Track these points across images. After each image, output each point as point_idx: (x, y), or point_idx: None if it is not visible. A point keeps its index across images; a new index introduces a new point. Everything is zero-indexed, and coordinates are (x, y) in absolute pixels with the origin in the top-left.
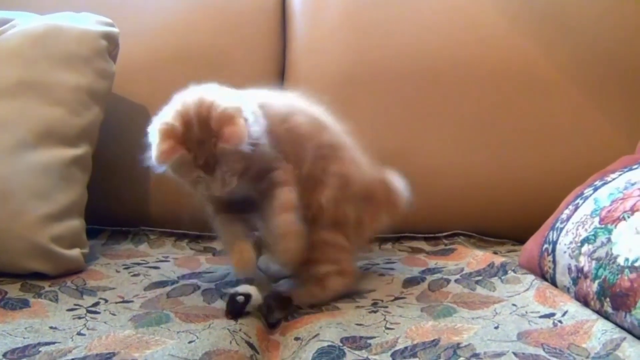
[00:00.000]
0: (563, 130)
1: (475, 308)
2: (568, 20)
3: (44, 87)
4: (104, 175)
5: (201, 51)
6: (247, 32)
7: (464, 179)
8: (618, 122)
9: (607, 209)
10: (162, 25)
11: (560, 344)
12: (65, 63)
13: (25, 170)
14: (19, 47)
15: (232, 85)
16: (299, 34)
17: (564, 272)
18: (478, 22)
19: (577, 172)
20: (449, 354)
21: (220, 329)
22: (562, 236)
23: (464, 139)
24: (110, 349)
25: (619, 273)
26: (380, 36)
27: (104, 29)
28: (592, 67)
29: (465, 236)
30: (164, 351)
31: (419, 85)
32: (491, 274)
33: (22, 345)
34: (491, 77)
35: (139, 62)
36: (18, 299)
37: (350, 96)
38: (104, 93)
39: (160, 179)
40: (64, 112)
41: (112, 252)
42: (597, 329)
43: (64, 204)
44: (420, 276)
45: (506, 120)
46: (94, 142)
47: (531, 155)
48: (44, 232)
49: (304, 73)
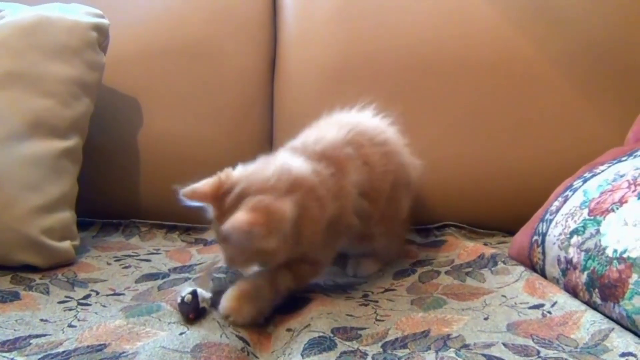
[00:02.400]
0: (553, 122)
1: (465, 299)
2: (559, 13)
3: (33, 79)
4: (94, 167)
5: (192, 43)
6: (238, 24)
7: (455, 171)
8: (607, 114)
9: (596, 200)
10: (153, 17)
11: (549, 334)
12: (55, 54)
13: (15, 161)
14: (8, 38)
15: (223, 76)
16: (290, 26)
17: (553, 263)
18: (469, 14)
19: (566, 164)
20: (439, 345)
21: (210, 320)
22: (551, 228)
23: (455, 131)
24: (101, 340)
25: (607, 264)
26: (372, 28)
27: (94, 21)
28: (582, 59)
29: (456, 227)
30: (155, 343)
31: (409, 77)
32: (481, 265)
33: (13, 337)
34: (482, 70)
35: (129, 54)
36: (8, 291)
37: (341, 88)
38: (94, 84)
39: (150, 170)
40: (54, 104)
41: (103, 244)
42: (585, 319)
43: (54, 196)
44: (411, 268)
45: (497, 113)
46: (84, 133)
47: (521, 148)
48: (35, 224)
49: (295, 64)
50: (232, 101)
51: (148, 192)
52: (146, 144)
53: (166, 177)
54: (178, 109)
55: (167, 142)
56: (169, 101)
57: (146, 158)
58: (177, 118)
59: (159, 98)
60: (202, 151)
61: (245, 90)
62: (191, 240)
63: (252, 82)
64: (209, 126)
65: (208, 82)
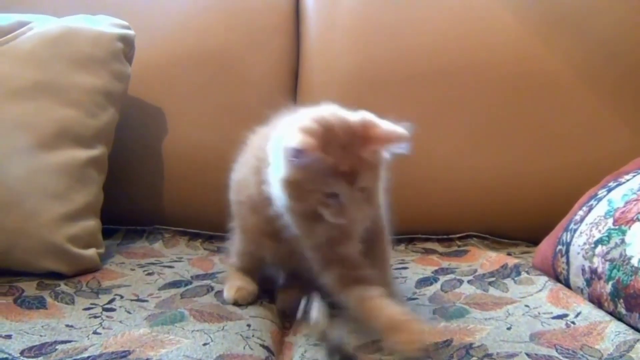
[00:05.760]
0: (577, 131)
1: (487, 309)
2: (581, 23)
3: (59, 89)
4: (119, 175)
5: (215, 52)
6: (260, 33)
7: (477, 181)
8: (632, 124)
9: (621, 210)
10: (177, 27)
11: (573, 345)
12: (81, 65)
13: (42, 171)
14: (35, 49)
15: (246, 85)
16: (312, 35)
17: (577, 273)
18: (489, 23)
19: (590, 173)
20: (462, 354)
21: (233, 333)
22: (575, 237)
23: (476, 140)
24: (125, 347)
25: (632, 274)
26: (392, 37)
27: (120, 32)
28: (605, 69)
29: (479, 238)
30: (179, 351)
31: (430, 86)
32: (504, 275)
33: (39, 343)
34: (503, 79)
35: (154, 64)
36: (35, 297)
37: (362, 96)
38: (120, 94)
39: (174, 178)
40: (80, 114)
41: (127, 251)
42: (610, 330)
43: (79, 205)
44: (433, 277)
45: (519, 122)
46: (109, 143)
47: (545, 157)
48: (60, 232)
49: (317, 73)
50: (254, 111)
51: (171, 199)
52: (170, 152)
53: (189, 185)
54: (201, 118)
55: (190, 150)
56: (192, 110)
57: (170, 166)
58: (200, 127)
59: (183, 107)
60: (224, 159)
61: (268, 101)
62: (213, 249)
63: (274, 93)
64: (231, 135)
65: (231, 93)
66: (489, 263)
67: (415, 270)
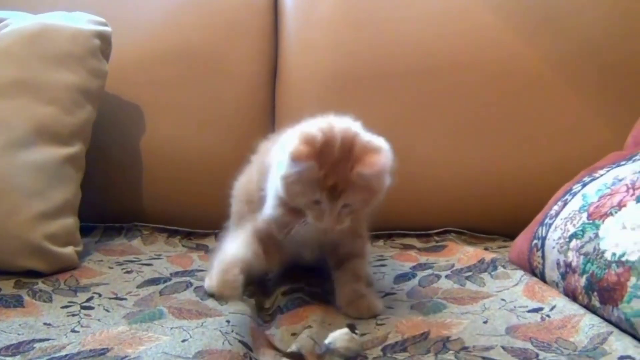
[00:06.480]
0: (553, 127)
1: (464, 303)
2: (562, 21)
3: (37, 86)
4: (98, 172)
5: (193, 50)
6: (239, 31)
7: (455, 177)
8: (607, 119)
9: (595, 204)
10: (155, 25)
11: (548, 338)
12: (59, 62)
13: (19, 168)
14: (12, 46)
15: (225, 83)
16: (291, 32)
17: (552, 267)
18: (472, 20)
19: (566, 168)
20: (439, 348)
21: (212, 329)
22: (551, 232)
23: (455, 137)
24: (104, 345)
25: (606, 268)
26: (373, 34)
27: (97, 28)
28: (585, 67)
29: (457, 233)
30: (157, 348)
31: (410, 84)
32: (481, 269)
33: (17, 341)
34: (483, 75)
35: (131, 61)
36: (12, 295)
37: (342, 94)
38: (97, 92)
39: (152, 176)
40: (58, 111)
41: (105, 248)
42: (584, 323)
43: (57, 202)
44: (411, 272)
45: (497, 119)
46: (87, 140)
47: (521, 153)
48: (38, 230)
49: (296, 72)
50: (233, 108)
51: (150, 197)
52: (148, 149)
53: (168, 181)
54: (180, 116)
55: (168, 147)
56: (171, 108)
57: (148, 163)
58: (179, 124)
59: (161, 105)
60: (203, 157)
61: (246, 97)
62: (192, 246)
63: (253, 89)
64: (210, 132)
65: (209, 89)
66: (466, 258)
67: (393, 267)
